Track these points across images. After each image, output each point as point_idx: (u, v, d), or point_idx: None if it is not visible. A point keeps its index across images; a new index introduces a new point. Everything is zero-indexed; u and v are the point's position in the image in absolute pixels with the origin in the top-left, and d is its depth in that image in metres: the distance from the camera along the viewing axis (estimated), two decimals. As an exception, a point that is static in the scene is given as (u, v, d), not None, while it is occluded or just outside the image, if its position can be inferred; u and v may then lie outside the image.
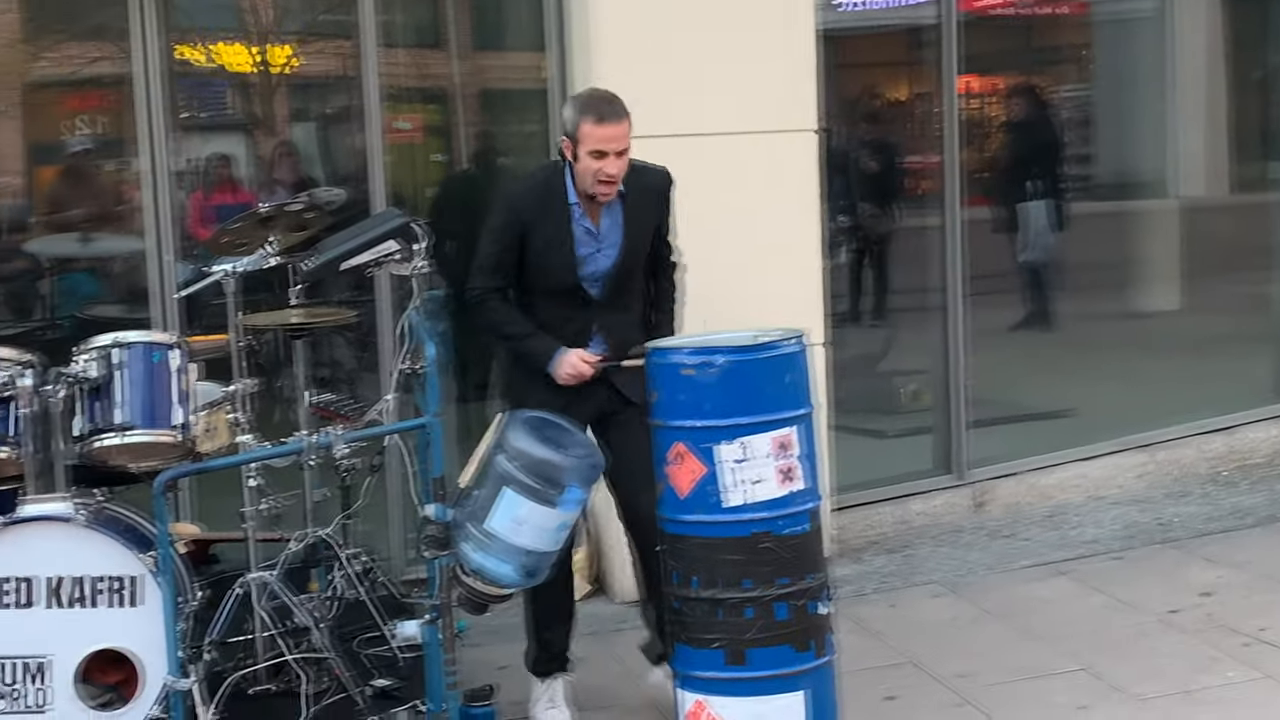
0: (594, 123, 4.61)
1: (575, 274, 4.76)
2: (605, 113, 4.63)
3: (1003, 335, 8.73)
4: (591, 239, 4.76)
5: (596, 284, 4.78)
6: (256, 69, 8.29)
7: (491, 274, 4.84)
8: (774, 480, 4.23)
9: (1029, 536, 7.05)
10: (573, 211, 4.75)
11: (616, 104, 4.67)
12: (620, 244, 4.77)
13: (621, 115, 4.64)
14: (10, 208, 7.95)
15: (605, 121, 4.61)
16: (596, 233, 4.76)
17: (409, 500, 5.77)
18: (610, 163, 4.63)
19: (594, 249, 4.77)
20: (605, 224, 4.77)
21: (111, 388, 4.43)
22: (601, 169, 4.63)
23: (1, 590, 4.23)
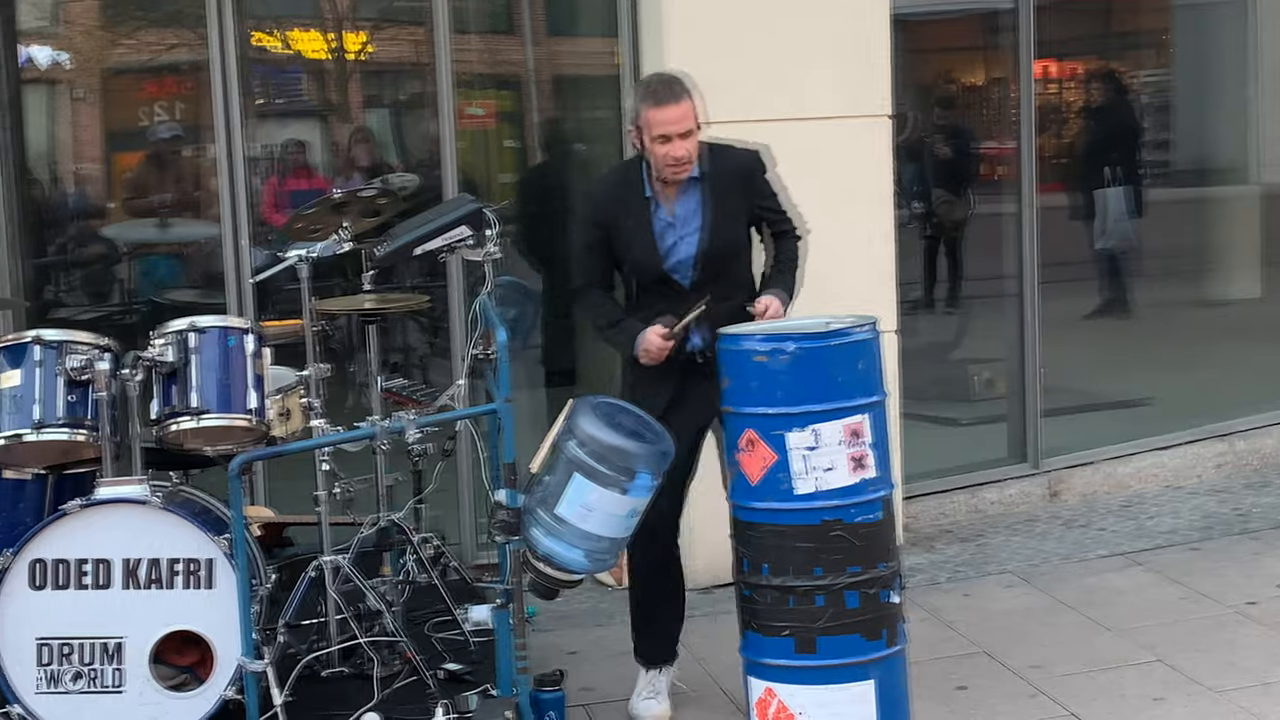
0: (653, 107, 4.57)
1: (660, 265, 4.69)
2: (663, 96, 4.57)
3: (1078, 323, 8.65)
4: (670, 229, 4.70)
5: (684, 272, 4.68)
6: (331, 55, 8.35)
7: (583, 270, 4.86)
8: (845, 468, 4.21)
9: (1104, 526, 6.98)
10: (650, 204, 4.70)
11: (675, 85, 4.61)
12: (700, 229, 4.67)
13: (680, 96, 4.57)
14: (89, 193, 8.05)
15: (663, 104, 4.56)
16: (674, 221, 4.71)
17: (479, 485, 5.81)
18: (676, 146, 4.57)
19: (675, 238, 4.69)
20: (682, 211, 4.69)
21: (187, 372, 4.47)
22: (668, 153, 4.58)
23: (79, 571, 4.28)
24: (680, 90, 4.59)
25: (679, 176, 4.65)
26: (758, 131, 5.79)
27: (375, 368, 5.17)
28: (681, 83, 4.63)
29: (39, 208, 7.50)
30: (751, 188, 4.77)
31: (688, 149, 4.59)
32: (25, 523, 4.53)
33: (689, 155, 4.60)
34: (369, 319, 5.22)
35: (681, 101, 4.57)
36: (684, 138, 4.57)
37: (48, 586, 4.27)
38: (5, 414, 4.38)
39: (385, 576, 5.08)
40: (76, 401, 4.40)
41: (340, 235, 5.00)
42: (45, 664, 4.27)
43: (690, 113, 4.59)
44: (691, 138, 4.60)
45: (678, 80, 4.65)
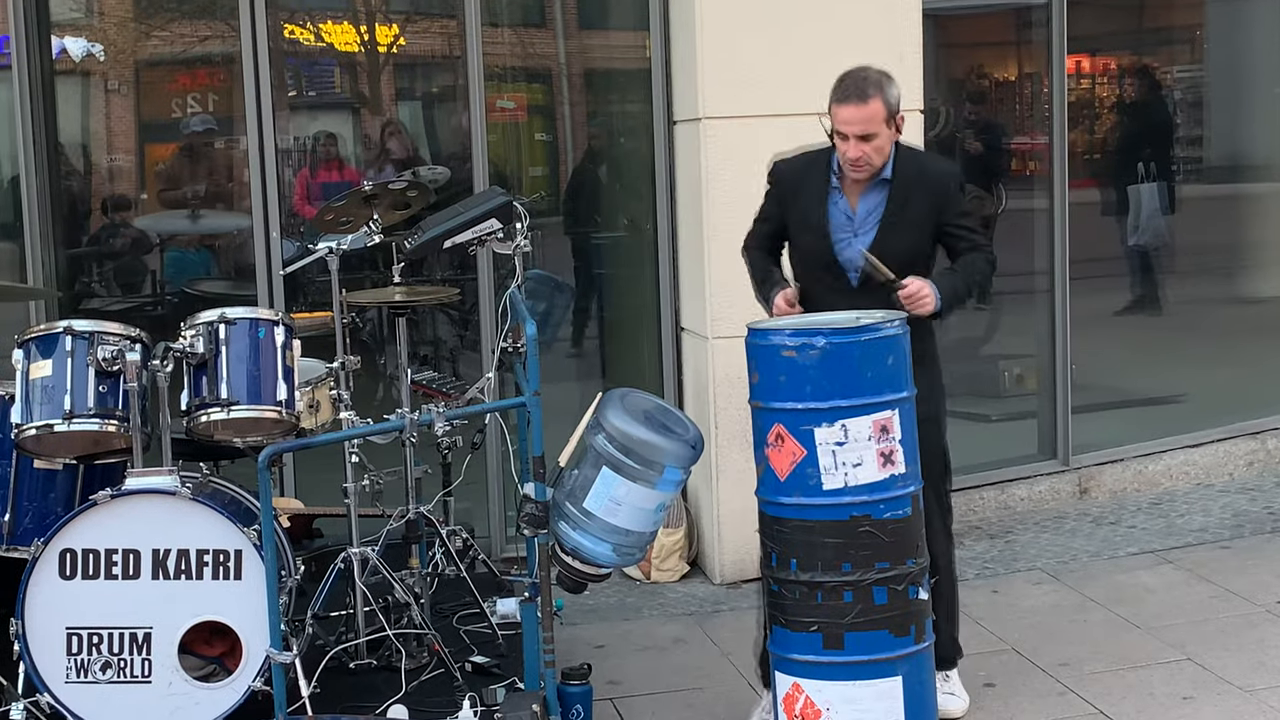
0: (836, 102, 4.50)
1: (829, 253, 4.61)
2: (848, 92, 4.47)
3: (1110, 319, 8.60)
4: (848, 223, 4.62)
5: (852, 269, 4.61)
6: (362, 48, 8.36)
7: (754, 232, 4.83)
8: (874, 464, 4.19)
9: (1134, 524, 6.94)
10: (831, 192, 4.63)
11: (866, 85, 4.47)
12: (876, 231, 4.57)
13: (867, 97, 4.44)
14: (121, 185, 8.08)
15: (845, 102, 4.47)
16: (853, 217, 4.62)
17: (508, 478, 5.82)
18: (851, 146, 4.48)
19: (850, 232, 4.60)
20: (863, 208, 4.61)
21: (217, 363, 4.48)
22: (843, 151, 4.51)
23: (109, 561, 4.30)
24: (865, 90, 4.46)
25: (857, 176, 4.56)
26: (787, 125, 5.78)
27: (404, 360, 5.18)
28: (877, 81, 4.49)
29: (72, 199, 7.54)
30: (942, 202, 4.61)
31: (864, 151, 4.48)
32: (56, 513, 4.57)
33: (865, 158, 4.50)
34: (399, 311, 5.24)
35: (866, 103, 4.45)
36: (862, 140, 4.47)
37: (77, 576, 4.29)
38: (36, 404, 4.40)
39: (413, 569, 5.10)
40: (107, 392, 4.42)
41: (370, 228, 5.01)
42: (74, 653, 4.29)
43: (875, 116, 4.46)
44: (872, 141, 4.48)
45: (874, 80, 4.50)
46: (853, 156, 4.51)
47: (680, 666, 5.35)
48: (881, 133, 4.49)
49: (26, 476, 4.66)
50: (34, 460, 4.61)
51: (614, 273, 7.44)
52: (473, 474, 5.64)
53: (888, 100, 4.49)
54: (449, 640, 4.90)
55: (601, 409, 4.35)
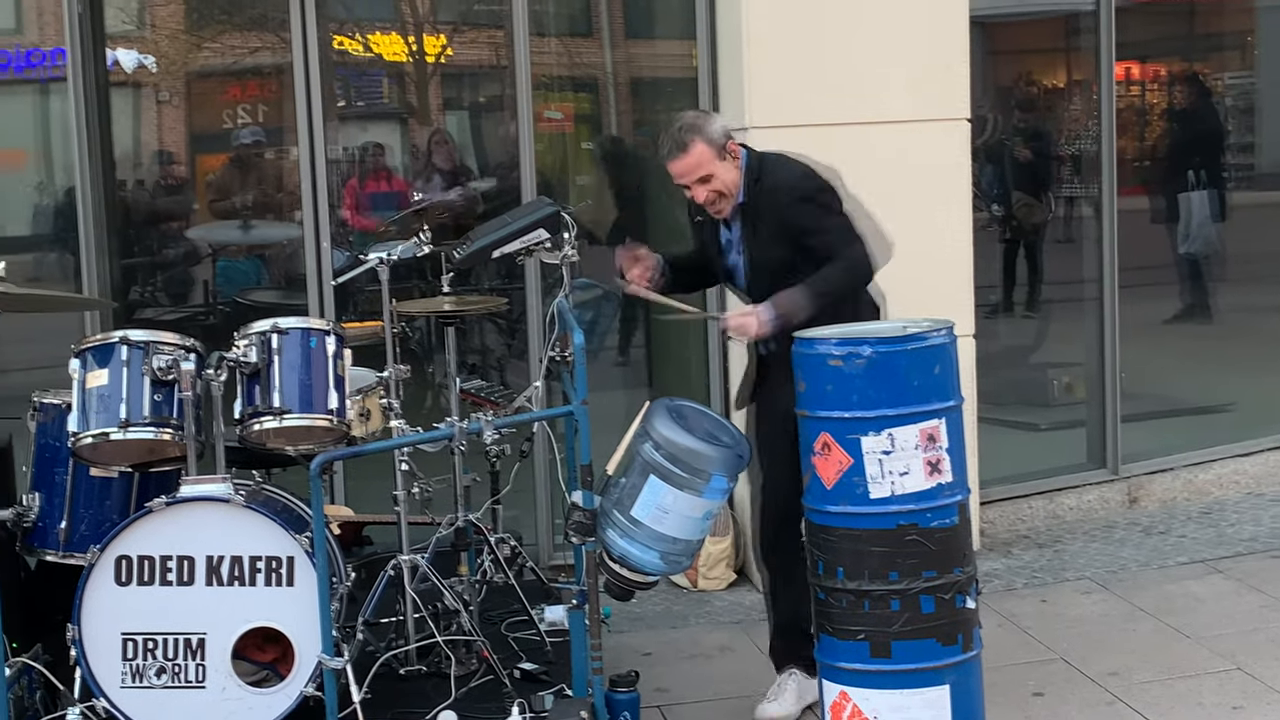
0: (663, 160, 4.64)
1: (726, 278, 4.86)
2: (667, 150, 4.61)
3: (1159, 328, 8.55)
4: (730, 245, 4.78)
5: (741, 285, 4.80)
6: (411, 58, 8.42)
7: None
8: (921, 472, 4.20)
9: (1184, 533, 6.90)
10: (717, 224, 4.77)
11: (678, 135, 4.57)
12: (744, 252, 4.72)
13: (683, 147, 4.55)
14: (173, 195, 8.17)
15: (669, 160, 4.62)
16: (732, 237, 4.76)
17: (555, 486, 5.85)
18: (696, 191, 4.63)
19: (734, 255, 4.77)
20: (733, 233, 4.75)
21: (270, 372, 4.52)
22: (694, 198, 4.67)
23: (164, 568, 4.34)
24: (687, 137, 4.56)
25: (720, 214, 4.70)
26: (835, 135, 5.81)
27: (453, 369, 5.22)
28: (693, 125, 4.59)
29: (125, 210, 7.63)
30: (786, 218, 4.61)
31: (709, 192, 4.62)
32: (111, 520, 4.62)
33: (712, 197, 4.63)
34: (447, 321, 5.27)
35: (689, 151, 4.56)
36: (701, 183, 4.60)
37: (133, 582, 4.33)
38: (93, 413, 4.45)
39: (462, 576, 5.13)
40: (162, 401, 4.46)
41: (420, 238, 5.05)
42: (130, 659, 4.34)
43: (703, 159, 4.57)
44: (711, 182, 4.60)
45: (688, 123, 4.61)
46: (701, 199, 4.64)
47: (727, 674, 5.37)
48: (716, 169, 4.60)
49: (83, 484, 4.71)
50: (90, 468, 4.66)
51: (660, 281, 7.45)
52: (521, 482, 5.67)
53: (709, 137, 4.58)
54: (498, 647, 4.93)
55: (649, 417, 4.37)
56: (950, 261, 6.36)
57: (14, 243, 7.45)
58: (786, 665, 4.91)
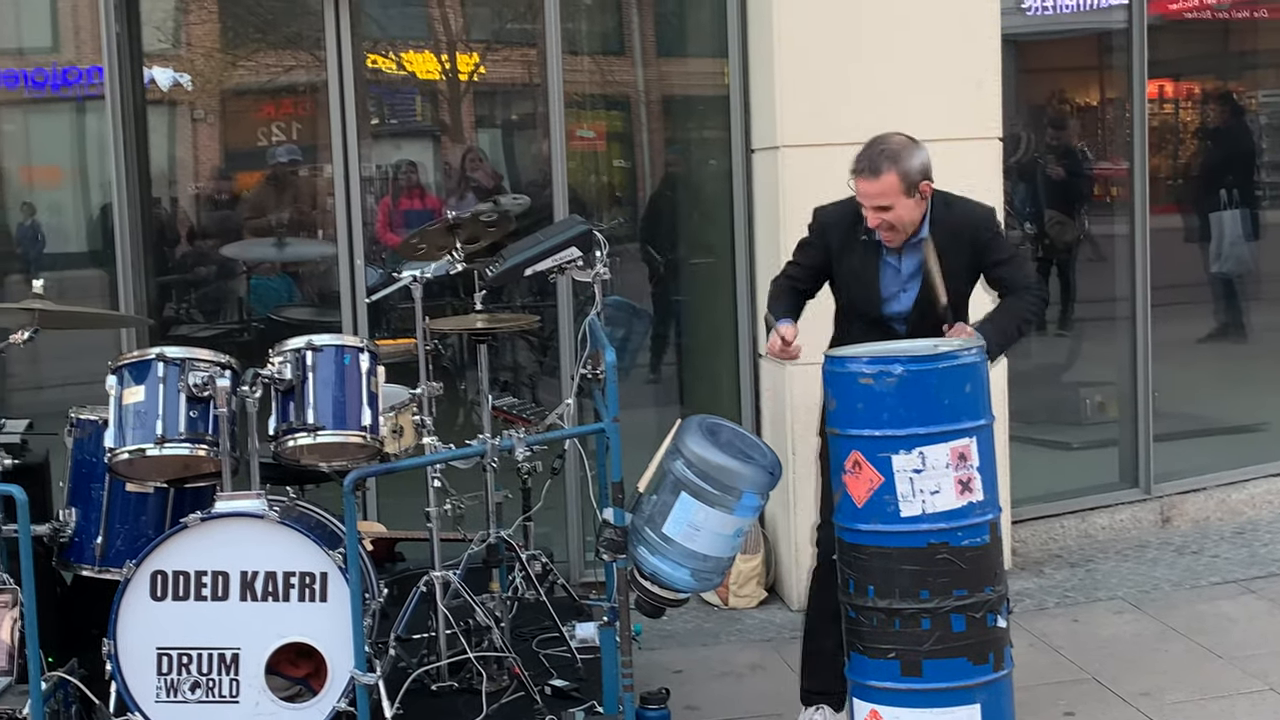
0: (852, 173, 4.59)
1: (879, 309, 4.72)
2: (859, 165, 4.57)
3: (1192, 346, 8.52)
4: (897, 276, 4.70)
5: (900, 321, 4.70)
6: (444, 76, 8.46)
7: (786, 271, 4.93)
8: (952, 491, 4.20)
9: (1217, 553, 6.88)
10: (880, 247, 4.69)
11: (876, 158, 4.53)
12: (919, 289, 4.66)
13: (880, 171, 4.51)
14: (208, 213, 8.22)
15: (857, 175, 4.57)
16: (900, 270, 4.70)
17: (587, 503, 5.87)
18: (869, 215, 4.58)
19: (898, 288, 4.69)
20: (908, 264, 4.68)
21: (304, 389, 4.56)
22: (868, 218, 4.60)
23: (198, 583, 4.38)
24: (882, 166, 4.52)
25: (889, 244, 4.65)
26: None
27: (485, 386, 5.24)
28: (894, 154, 4.54)
29: (161, 227, 7.68)
30: (979, 250, 4.66)
31: (885, 219, 4.56)
32: (147, 535, 4.66)
33: (887, 224, 4.57)
34: (480, 338, 5.30)
35: (879, 178, 4.52)
36: (879, 210, 4.55)
37: (168, 597, 4.37)
38: (129, 429, 4.49)
39: (493, 592, 5.15)
40: (197, 417, 4.50)
41: (454, 256, 5.08)
42: (164, 673, 4.37)
43: (889, 189, 4.52)
44: (890, 212, 4.55)
45: (890, 152, 4.55)
46: (871, 224, 4.60)
47: (758, 693, 5.37)
48: (899, 203, 4.55)
49: (119, 499, 4.76)
50: (126, 484, 4.70)
51: (692, 299, 7.48)
52: (552, 499, 5.70)
53: (905, 171, 4.54)
54: (529, 664, 4.95)
55: (680, 435, 4.39)
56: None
57: (50, 259, 7.51)
58: (816, 701, 4.89)
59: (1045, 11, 8.03)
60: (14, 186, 7.61)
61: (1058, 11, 8.03)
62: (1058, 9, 7.99)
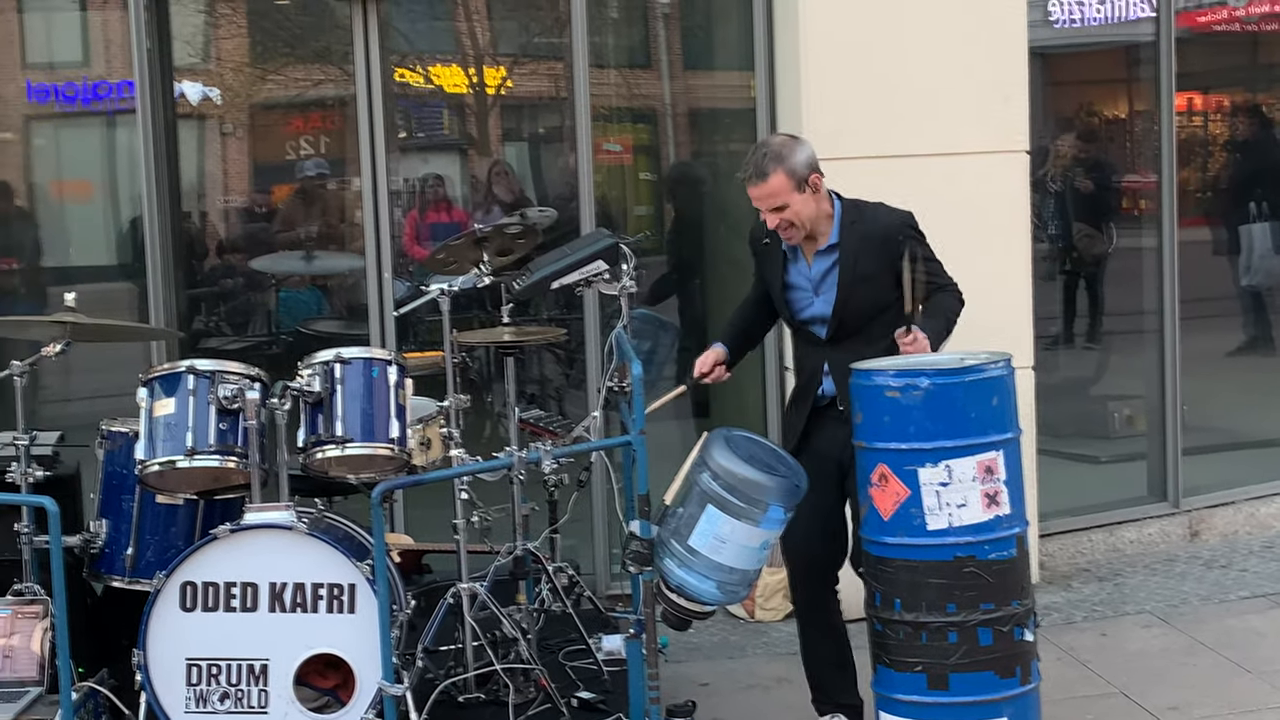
0: (743, 181, 4.66)
1: (794, 315, 4.80)
2: (746, 173, 4.63)
3: (1221, 360, 8.49)
4: (808, 283, 4.74)
5: (819, 326, 4.74)
6: (471, 90, 8.49)
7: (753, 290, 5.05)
8: (979, 504, 4.19)
9: (1246, 567, 6.85)
10: (787, 254, 4.76)
11: (760, 161, 4.59)
12: (835, 289, 4.68)
13: (762, 175, 4.57)
14: (237, 227, 8.27)
15: (747, 182, 4.64)
16: (812, 277, 4.74)
17: (613, 515, 5.87)
18: (769, 218, 4.64)
19: (809, 292, 4.74)
20: (818, 269, 4.72)
21: (333, 401, 4.58)
22: (768, 222, 4.67)
23: (227, 594, 4.41)
24: (769, 165, 4.58)
25: (791, 240, 4.70)
26: (893, 167, 5.82)
27: (513, 399, 5.26)
28: (777, 153, 4.60)
29: (191, 241, 7.72)
30: (892, 248, 4.64)
31: (781, 218, 4.61)
32: (177, 546, 4.70)
33: (785, 223, 4.63)
34: (507, 351, 5.31)
35: (767, 180, 4.58)
36: (775, 211, 4.61)
37: (197, 608, 4.40)
38: (159, 441, 4.53)
39: (520, 605, 5.16)
40: (227, 429, 4.54)
41: (481, 269, 5.10)
42: (194, 684, 4.40)
43: (779, 189, 4.58)
44: (785, 211, 4.60)
45: (774, 151, 4.62)
46: (772, 225, 4.65)
47: (785, 705, 5.36)
48: (792, 200, 4.60)
49: (149, 511, 4.80)
50: (156, 495, 4.74)
51: (718, 312, 7.48)
52: (578, 511, 5.71)
53: (791, 169, 4.58)
54: (555, 676, 4.95)
55: (707, 447, 4.39)
56: (1009, 293, 6.36)
57: (80, 273, 7.56)
58: (830, 711, 4.91)
59: (1073, 24, 8.01)
60: (45, 200, 7.67)
61: (1085, 24, 8.01)
62: (1085, 22, 7.97)
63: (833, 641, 4.83)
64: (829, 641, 4.81)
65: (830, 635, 4.81)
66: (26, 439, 4.73)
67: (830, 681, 4.85)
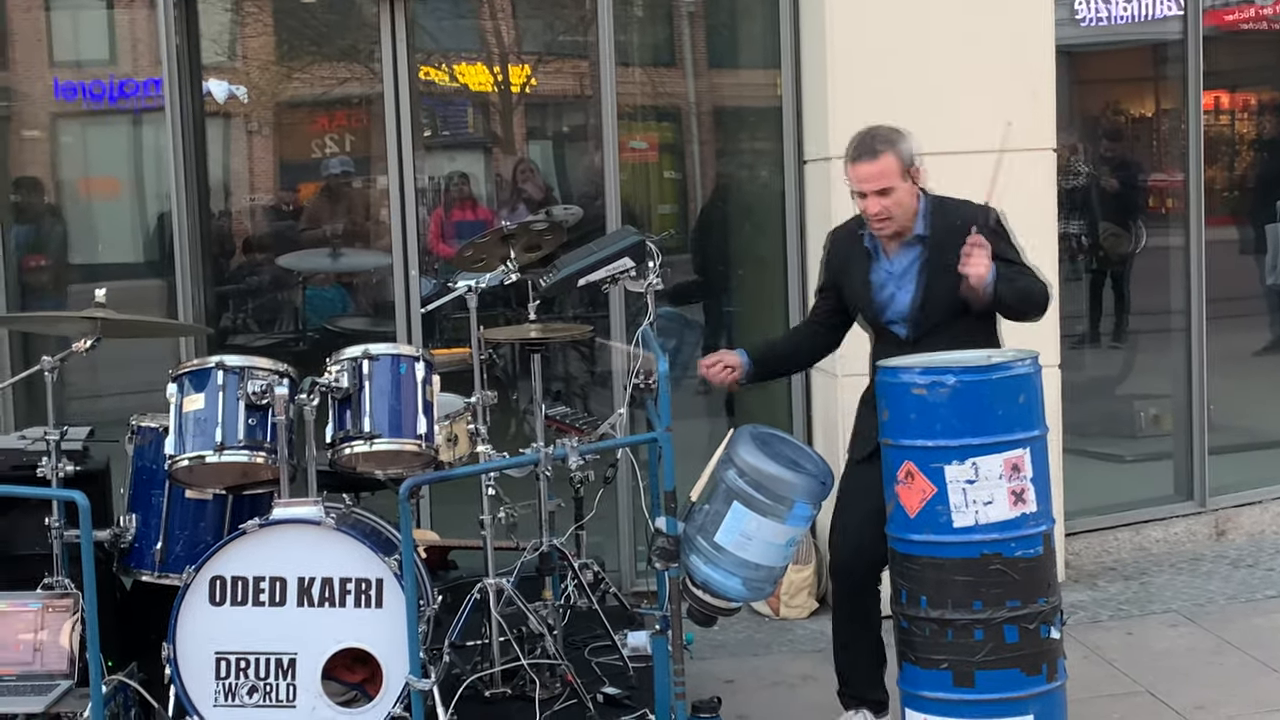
0: (851, 161, 4.60)
1: (875, 314, 4.74)
2: (861, 150, 4.58)
3: (1248, 359, 8.47)
4: (891, 279, 4.70)
5: (900, 325, 4.69)
6: (496, 88, 8.52)
7: (814, 307, 5.05)
8: (1005, 502, 4.19)
9: (1272, 566, 6.83)
10: (870, 251, 4.73)
11: (876, 141, 4.57)
12: (916, 284, 4.65)
13: (878, 153, 4.54)
14: (263, 224, 8.31)
15: (859, 160, 4.58)
16: (894, 273, 4.70)
17: (638, 513, 5.89)
18: (870, 202, 4.58)
19: (893, 290, 4.69)
20: (900, 265, 4.69)
21: (361, 397, 4.60)
22: (864, 208, 4.62)
23: (256, 588, 4.43)
24: (880, 146, 4.56)
25: (882, 232, 4.66)
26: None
27: (539, 395, 5.27)
28: (887, 137, 4.59)
29: (219, 238, 7.76)
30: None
31: (883, 205, 4.57)
32: (205, 541, 4.72)
33: (885, 212, 4.59)
34: (534, 348, 5.33)
35: (878, 159, 4.55)
36: (880, 195, 4.57)
37: (226, 603, 4.42)
38: (189, 436, 4.55)
39: (546, 601, 5.18)
40: (256, 425, 4.56)
41: (508, 266, 5.12)
42: (223, 677, 4.42)
43: (889, 170, 4.55)
44: (890, 195, 4.57)
45: (883, 135, 4.60)
46: (873, 211, 4.60)
47: (810, 703, 5.37)
48: (898, 186, 4.57)
49: (178, 506, 4.82)
50: (185, 490, 4.77)
51: (744, 310, 7.49)
52: (604, 509, 5.72)
53: (900, 154, 4.57)
54: (581, 671, 4.96)
55: (733, 444, 4.40)
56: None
57: (108, 270, 7.60)
58: (855, 706, 4.92)
59: (1100, 22, 8.00)
60: (72, 197, 7.72)
61: (1112, 22, 8.00)
62: (1112, 20, 7.95)
63: (869, 636, 4.82)
64: (867, 635, 4.80)
65: (868, 629, 4.81)
66: (57, 434, 4.75)
67: (861, 675, 4.84)
